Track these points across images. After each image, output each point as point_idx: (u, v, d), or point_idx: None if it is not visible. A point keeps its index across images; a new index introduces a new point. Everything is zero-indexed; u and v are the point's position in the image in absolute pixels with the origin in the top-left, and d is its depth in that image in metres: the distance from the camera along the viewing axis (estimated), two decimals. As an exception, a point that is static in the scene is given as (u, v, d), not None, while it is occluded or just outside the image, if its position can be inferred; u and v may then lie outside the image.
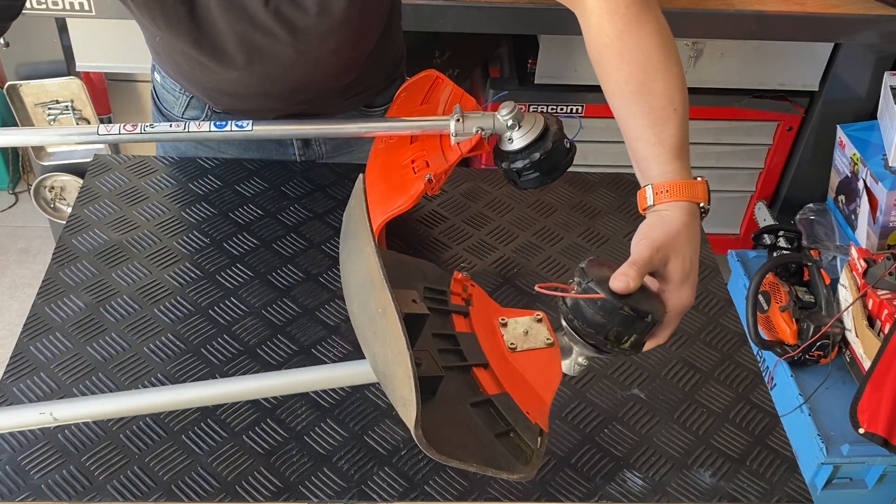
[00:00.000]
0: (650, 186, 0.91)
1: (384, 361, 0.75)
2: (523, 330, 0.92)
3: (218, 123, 1.13)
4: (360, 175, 0.88)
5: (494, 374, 0.85)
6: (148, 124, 1.14)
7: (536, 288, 0.86)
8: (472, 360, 0.85)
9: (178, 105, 1.32)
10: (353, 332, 0.88)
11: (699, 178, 0.93)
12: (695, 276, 0.88)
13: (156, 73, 1.35)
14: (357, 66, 1.22)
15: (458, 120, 1.10)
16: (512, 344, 0.91)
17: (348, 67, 1.20)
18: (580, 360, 0.90)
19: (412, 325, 0.77)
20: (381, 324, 0.73)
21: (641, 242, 0.87)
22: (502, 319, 0.93)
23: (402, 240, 1.23)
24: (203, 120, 1.29)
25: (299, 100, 1.22)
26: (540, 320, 0.92)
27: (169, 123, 1.14)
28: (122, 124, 1.14)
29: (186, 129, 1.14)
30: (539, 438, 0.81)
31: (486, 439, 0.79)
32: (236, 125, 1.13)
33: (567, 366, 0.91)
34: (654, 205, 0.91)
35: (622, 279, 0.83)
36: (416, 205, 1.13)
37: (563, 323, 0.87)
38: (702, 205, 0.91)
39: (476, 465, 0.73)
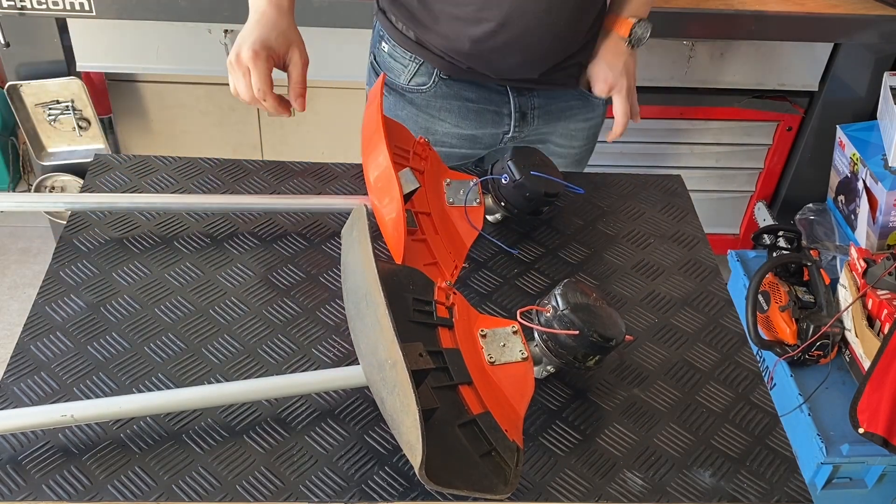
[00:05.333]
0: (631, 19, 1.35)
1: (392, 408, 0.82)
2: (501, 342, 0.98)
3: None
4: (362, 206, 0.92)
5: (477, 391, 0.92)
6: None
7: (518, 315, 0.98)
8: (458, 379, 0.91)
9: (406, 73, 1.39)
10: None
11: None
12: (630, 80, 1.39)
13: (383, 44, 1.42)
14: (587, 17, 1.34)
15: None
16: (491, 357, 0.97)
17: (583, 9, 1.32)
18: (549, 367, 1.02)
19: (417, 376, 0.82)
20: (390, 374, 0.81)
21: (620, 79, 1.38)
22: (482, 331, 0.99)
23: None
24: (429, 87, 1.39)
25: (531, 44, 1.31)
26: (515, 332, 0.99)
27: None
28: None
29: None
30: (516, 456, 0.87)
31: (473, 461, 0.85)
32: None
33: (538, 371, 1.01)
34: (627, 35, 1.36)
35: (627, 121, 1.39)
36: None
37: (537, 337, 0.98)
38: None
39: (466, 490, 0.80)
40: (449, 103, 1.41)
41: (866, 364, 1.76)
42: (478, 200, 1.23)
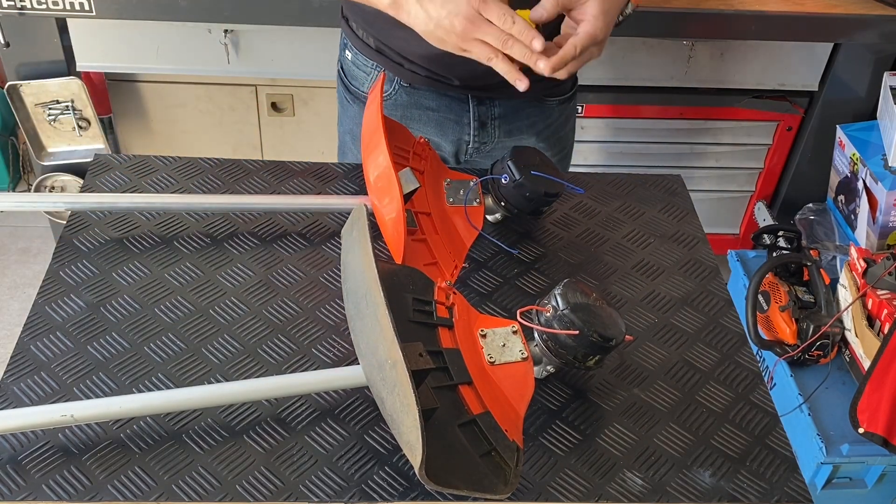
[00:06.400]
0: None
1: (392, 407, 0.82)
2: (501, 342, 0.98)
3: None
4: (362, 206, 0.92)
5: (477, 391, 0.91)
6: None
7: (518, 315, 0.97)
8: (458, 379, 0.91)
9: (369, 81, 1.38)
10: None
11: None
12: (610, 16, 1.09)
13: (346, 52, 1.40)
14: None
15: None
16: (490, 357, 0.97)
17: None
18: (549, 367, 1.01)
19: (417, 376, 0.82)
20: (390, 374, 0.81)
21: None
22: (482, 331, 0.99)
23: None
24: (390, 95, 1.38)
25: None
26: (515, 332, 0.99)
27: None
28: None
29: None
30: (516, 456, 0.87)
31: (473, 461, 0.84)
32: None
33: (538, 371, 1.00)
34: None
35: (539, 11, 1.07)
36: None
37: (537, 337, 0.97)
38: None
39: (466, 489, 0.80)
40: (410, 112, 1.39)
41: (866, 364, 1.76)
42: (478, 200, 1.23)
